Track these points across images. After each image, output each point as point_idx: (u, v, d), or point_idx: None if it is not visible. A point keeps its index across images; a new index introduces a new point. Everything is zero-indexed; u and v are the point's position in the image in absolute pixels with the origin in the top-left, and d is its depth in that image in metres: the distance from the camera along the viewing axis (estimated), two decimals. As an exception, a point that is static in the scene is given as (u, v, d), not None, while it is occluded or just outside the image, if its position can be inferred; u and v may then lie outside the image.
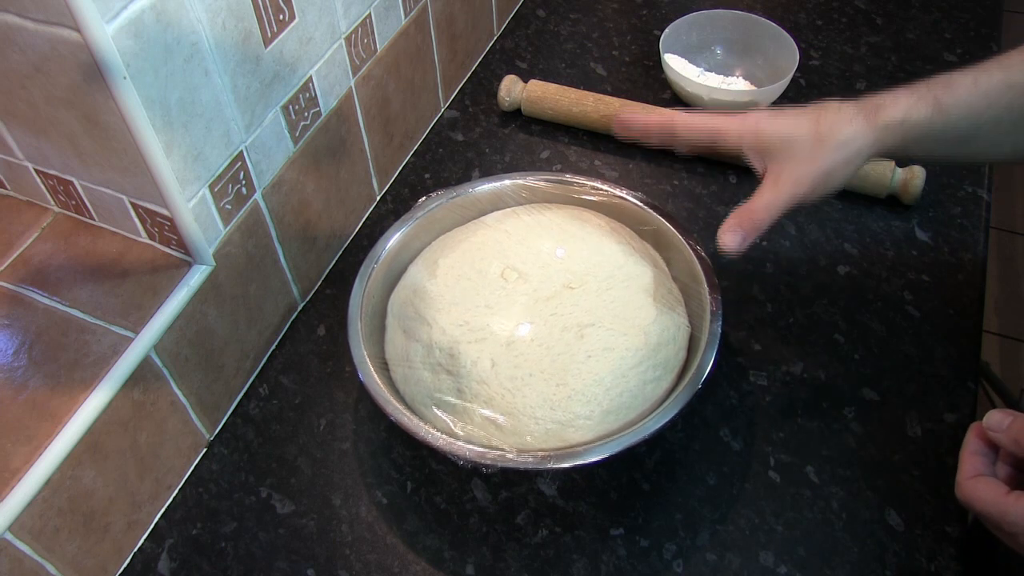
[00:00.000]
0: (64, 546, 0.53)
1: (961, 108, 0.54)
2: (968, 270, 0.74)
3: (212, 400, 0.65)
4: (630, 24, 1.02)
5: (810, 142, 0.55)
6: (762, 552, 0.58)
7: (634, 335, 0.59)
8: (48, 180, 0.60)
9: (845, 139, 0.55)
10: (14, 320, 0.57)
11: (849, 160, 0.55)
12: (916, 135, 0.55)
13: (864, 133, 0.55)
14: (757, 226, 0.56)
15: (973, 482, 0.49)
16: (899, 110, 0.55)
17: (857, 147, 0.55)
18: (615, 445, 0.54)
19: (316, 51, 0.66)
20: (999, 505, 0.46)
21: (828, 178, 0.55)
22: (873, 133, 0.55)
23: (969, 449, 0.51)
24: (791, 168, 0.55)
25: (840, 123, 0.55)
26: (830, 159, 0.55)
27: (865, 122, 0.55)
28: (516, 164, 0.87)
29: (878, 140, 0.55)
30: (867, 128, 0.55)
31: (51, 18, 0.46)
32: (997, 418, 0.50)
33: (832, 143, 0.55)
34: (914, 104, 0.55)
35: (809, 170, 0.55)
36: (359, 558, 0.60)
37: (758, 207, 0.56)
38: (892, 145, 0.55)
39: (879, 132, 0.55)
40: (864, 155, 0.55)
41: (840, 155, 0.55)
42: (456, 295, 0.62)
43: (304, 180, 0.69)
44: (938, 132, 0.55)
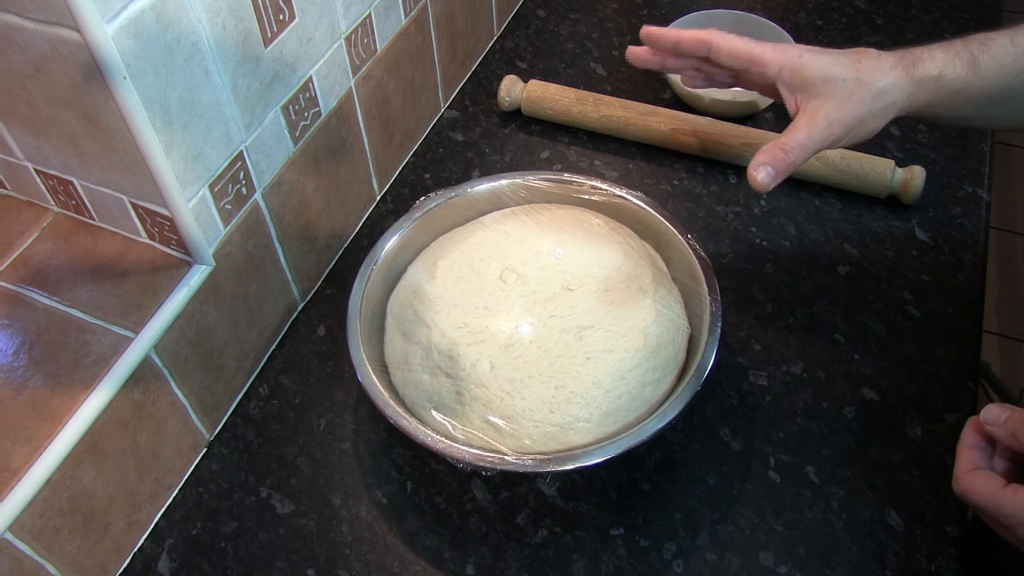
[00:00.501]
0: (64, 546, 0.53)
1: (996, 67, 0.54)
2: (968, 270, 0.74)
3: (212, 400, 0.65)
4: (630, 24, 1.02)
5: (850, 84, 0.55)
6: (762, 552, 0.58)
7: (633, 337, 0.59)
8: (48, 180, 0.60)
9: (883, 88, 0.55)
10: (14, 320, 0.57)
11: (884, 111, 0.55)
12: (950, 91, 0.55)
13: (901, 85, 0.55)
14: (789, 164, 0.55)
15: (970, 475, 0.49)
16: (936, 65, 0.55)
17: (893, 98, 0.55)
18: (614, 448, 0.54)
19: (316, 51, 0.66)
20: (996, 498, 0.46)
21: (862, 124, 0.55)
22: (909, 86, 0.55)
23: (966, 443, 0.51)
24: (828, 108, 0.55)
25: (880, 71, 0.55)
26: (867, 106, 0.55)
27: (903, 73, 0.55)
28: (516, 164, 0.86)
29: (913, 94, 0.55)
30: (904, 80, 0.55)
31: (51, 18, 0.46)
32: (994, 412, 0.50)
33: (871, 89, 0.54)
34: (951, 60, 0.55)
35: (845, 113, 0.55)
36: (359, 558, 0.60)
37: (791, 144, 0.55)
38: (925, 100, 0.55)
39: (915, 86, 0.55)
40: (898, 107, 0.55)
41: (876, 104, 0.55)
42: (455, 297, 0.62)
43: (304, 180, 0.69)
44: (973, 90, 0.55)
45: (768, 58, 0.57)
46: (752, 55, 0.57)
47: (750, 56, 0.57)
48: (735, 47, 0.58)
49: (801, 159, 0.55)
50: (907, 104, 0.56)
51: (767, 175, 0.55)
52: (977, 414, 0.51)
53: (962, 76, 0.54)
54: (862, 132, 0.56)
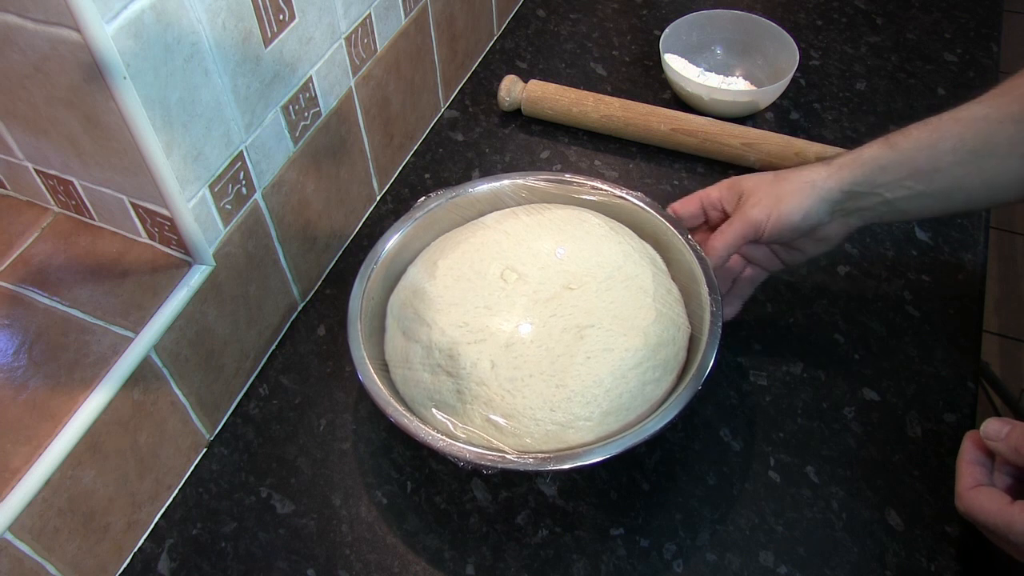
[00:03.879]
0: (64, 546, 0.53)
1: (911, 141, 0.58)
2: (968, 270, 0.74)
3: (212, 400, 0.65)
4: (630, 24, 1.02)
5: (770, 177, 0.62)
6: (762, 552, 0.58)
7: (634, 336, 0.59)
8: (48, 180, 0.60)
9: (800, 173, 0.61)
10: (14, 320, 0.57)
11: (803, 188, 0.59)
12: (873, 168, 0.58)
13: (819, 168, 0.60)
14: (718, 255, 0.62)
15: (974, 492, 0.48)
16: (852, 153, 0.60)
17: (812, 178, 0.59)
18: (615, 447, 0.54)
19: (316, 51, 0.66)
20: (1004, 515, 0.46)
21: (781, 202, 0.60)
22: (827, 169, 0.59)
23: (966, 459, 0.50)
24: (750, 200, 0.61)
25: (801, 168, 0.61)
26: (784, 186, 0.60)
27: (822, 164, 0.60)
28: (516, 164, 0.87)
29: (834, 175, 0.59)
30: (822, 166, 0.60)
31: (51, 18, 0.46)
32: (995, 427, 0.49)
33: (790, 176, 0.61)
34: (866, 146, 0.60)
35: (764, 196, 0.61)
36: (359, 558, 0.60)
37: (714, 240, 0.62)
38: (854, 179, 0.59)
39: (834, 168, 0.59)
40: (820, 187, 0.59)
41: (794, 184, 0.60)
42: (455, 296, 0.62)
43: (304, 180, 0.69)
44: (895, 164, 0.58)
45: (711, 189, 0.65)
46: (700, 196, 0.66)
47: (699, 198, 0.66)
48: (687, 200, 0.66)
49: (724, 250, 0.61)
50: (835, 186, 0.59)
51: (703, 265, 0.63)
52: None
53: (880, 153, 0.58)
54: (786, 210, 0.59)
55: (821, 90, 0.91)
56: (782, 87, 0.86)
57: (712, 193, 0.65)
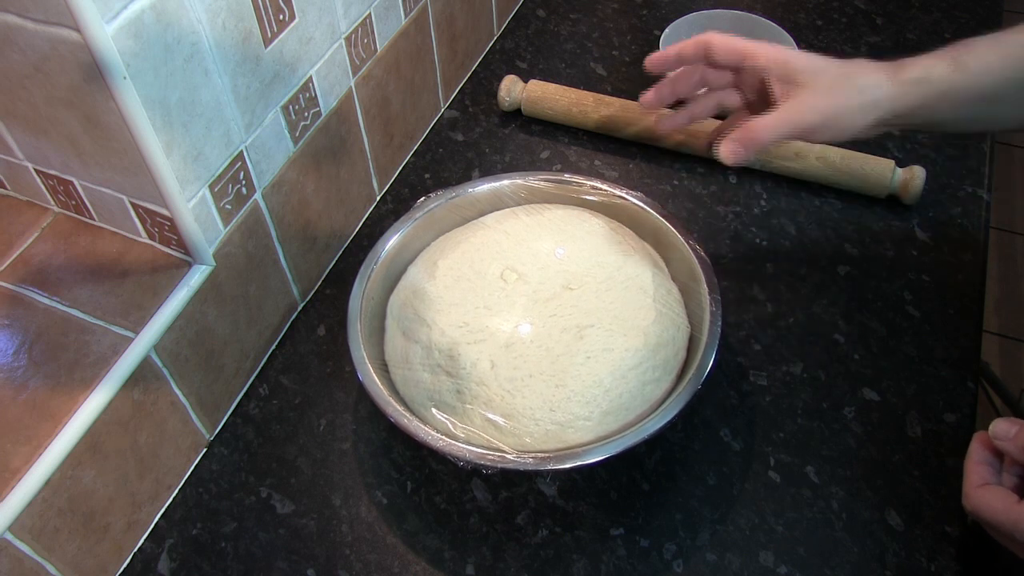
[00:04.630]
0: (64, 546, 0.53)
1: (980, 64, 0.55)
2: (968, 270, 0.74)
3: (212, 400, 0.65)
4: (630, 24, 1.02)
5: (832, 77, 0.56)
6: (762, 552, 0.58)
7: (633, 336, 0.59)
8: (48, 180, 0.60)
9: (864, 84, 0.56)
10: (14, 320, 0.57)
11: (865, 106, 0.56)
12: (938, 92, 0.55)
13: (883, 84, 0.56)
14: (757, 143, 0.56)
15: (982, 491, 0.48)
16: (920, 68, 0.56)
17: (875, 96, 0.56)
18: (614, 446, 0.54)
19: (316, 51, 0.66)
20: (1011, 514, 0.46)
21: (838, 117, 0.56)
22: (893, 87, 0.56)
23: (974, 458, 0.50)
24: (807, 95, 0.56)
25: (863, 69, 0.57)
26: (848, 99, 0.56)
27: (886, 75, 0.56)
28: (516, 164, 0.87)
29: (897, 95, 0.56)
30: (887, 80, 0.56)
31: (51, 18, 0.46)
32: (1003, 427, 0.49)
33: (852, 83, 0.56)
34: (934, 63, 0.56)
35: (824, 101, 0.56)
36: (359, 558, 0.60)
37: (763, 124, 0.56)
38: (912, 103, 0.56)
39: (899, 87, 0.56)
40: (882, 107, 0.56)
41: (857, 99, 0.56)
42: (455, 296, 0.62)
43: (304, 180, 0.69)
44: (960, 89, 0.55)
45: (759, 52, 0.59)
46: (745, 49, 0.60)
47: (743, 50, 0.60)
48: (730, 42, 0.61)
49: (769, 139, 0.56)
50: (893, 106, 0.56)
51: (733, 153, 0.57)
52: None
53: (947, 76, 0.55)
54: (840, 126, 0.56)
55: (821, 90, 0.91)
56: (782, 87, 0.86)
57: (758, 58, 0.59)
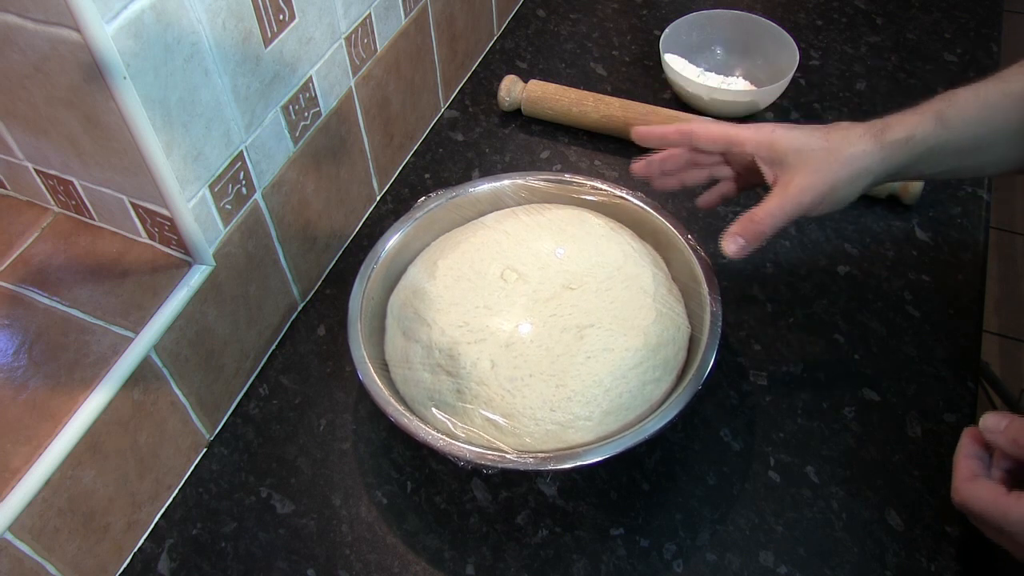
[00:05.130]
0: (64, 546, 0.53)
1: (963, 119, 0.55)
2: (968, 270, 0.74)
3: (212, 400, 0.65)
4: (630, 24, 1.02)
5: (820, 154, 0.56)
6: (762, 552, 0.58)
7: (634, 336, 0.59)
8: (48, 180, 0.60)
9: (852, 154, 0.56)
10: (14, 320, 0.57)
11: (855, 176, 0.56)
12: (922, 150, 0.56)
13: (872, 151, 0.56)
14: (759, 233, 0.56)
15: (970, 484, 0.49)
16: (904, 128, 0.56)
17: (865, 164, 0.56)
18: (615, 446, 0.54)
19: (316, 51, 0.66)
20: (999, 505, 0.46)
21: (834, 192, 0.56)
22: (880, 151, 0.56)
23: (963, 452, 0.51)
24: (800, 178, 0.56)
25: (848, 140, 0.56)
26: (838, 172, 0.56)
27: (873, 140, 0.56)
28: (516, 164, 0.87)
29: (886, 158, 0.56)
30: (875, 146, 0.56)
31: (51, 18, 0.46)
32: (993, 420, 0.50)
33: (840, 157, 0.56)
34: (919, 121, 0.56)
35: (817, 180, 0.56)
36: (359, 558, 0.60)
37: (761, 215, 0.56)
38: (900, 163, 0.57)
39: (886, 150, 0.56)
40: (872, 173, 0.57)
41: (847, 170, 0.56)
42: (455, 296, 0.62)
43: (304, 180, 0.69)
44: (943, 145, 0.56)
45: (744, 137, 0.59)
46: (729, 136, 0.60)
47: (727, 138, 0.60)
48: (712, 131, 0.61)
49: (771, 229, 0.56)
50: (883, 167, 0.57)
51: (737, 245, 0.57)
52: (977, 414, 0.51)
53: (932, 133, 0.56)
54: (836, 199, 0.57)
55: (821, 90, 0.91)
56: (782, 87, 0.86)
57: (745, 144, 0.59)
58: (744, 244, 0.57)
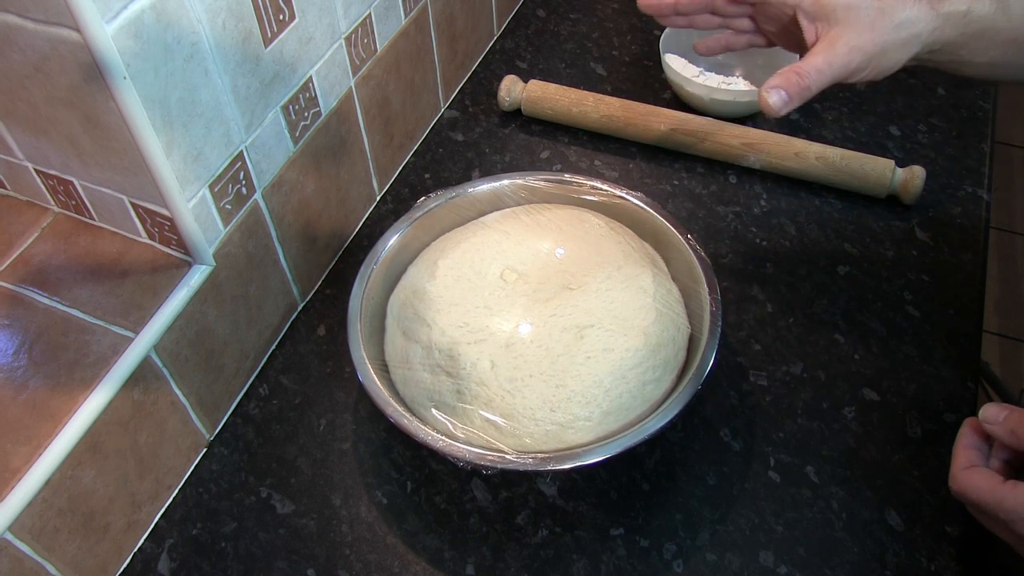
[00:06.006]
0: (64, 546, 0.53)
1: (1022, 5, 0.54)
2: (968, 270, 0.74)
3: (212, 400, 0.65)
4: (630, 24, 1.02)
5: (872, 12, 0.54)
6: (762, 552, 0.58)
7: (634, 336, 0.59)
8: (48, 180, 0.60)
9: (905, 18, 0.54)
10: (14, 320, 0.57)
11: (907, 42, 0.54)
12: (977, 30, 0.54)
13: (925, 17, 0.54)
14: (803, 88, 0.54)
15: (967, 472, 0.49)
16: (963, 1, 0.54)
17: (917, 30, 0.54)
18: (615, 446, 0.54)
19: (316, 51, 0.66)
20: (995, 494, 0.46)
21: (883, 56, 0.54)
22: (934, 20, 0.54)
23: (963, 443, 0.51)
24: (849, 35, 0.54)
25: (904, 2, 0.54)
26: (889, 35, 0.54)
27: (928, 6, 0.54)
28: (516, 164, 0.87)
29: (938, 28, 0.54)
30: (928, 12, 0.54)
31: (51, 18, 0.46)
32: (993, 411, 0.50)
33: (893, 19, 0.54)
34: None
35: (867, 40, 0.54)
36: (359, 558, 0.60)
37: (807, 68, 0.54)
38: (951, 36, 0.55)
39: (940, 19, 0.54)
40: (922, 40, 0.54)
41: (899, 34, 0.54)
42: (455, 296, 0.62)
43: (304, 180, 0.69)
44: (1000, 31, 0.54)
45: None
46: None
47: None
48: None
49: (816, 85, 0.54)
50: (932, 39, 0.54)
51: (780, 99, 0.54)
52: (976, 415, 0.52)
53: (990, 14, 0.54)
54: (884, 64, 0.55)
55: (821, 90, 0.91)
56: (782, 87, 0.85)
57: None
58: (787, 98, 0.54)
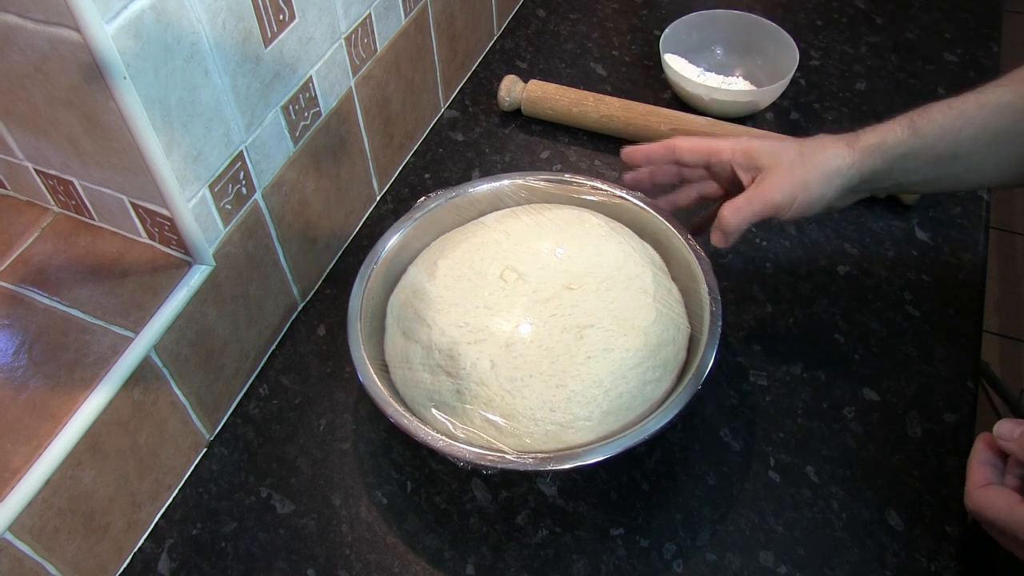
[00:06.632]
0: (64, 546, 0.53)
1: (936, 127, 0.57)
2: (968, 270, 0.74)
3: (212, 400, 0.65)
4: (630, 24, 1.02)
5: (793, 155, 0.59)
6: (762, 552, 0.58)
7: (634, 336, 0.59)
8: (48, 180, 0.60)
9: (826, 156, 0.58)
10: (14, 320, 0.57)
11: (828, 176, 0.58)
12: (895, 156, 0.58)
13: (844, 153, 0.58)
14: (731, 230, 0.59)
15: (984, 491, 0.48)
16: (876, 134, 0.59)
17: (836, 165, 0.58)
18: (615, 446, 0.54)
19: (316, 51, 0.66)
20: (1014, 515, 0.46)
21: (806, 189, 0.58)
22: (852, 154, 0.58)
23: (977, 459, 0.50)
24: (772, 177, 0.59)
25: (823, 144, 0.59)
26: (809, 173, 0.58)
27: (845, 145, 0.59)
28: (516, 164, 0.87)
29: (857, 161, 0.58)
30: (847, 149, 0.59)
31: (51, 18, 0.46)
32: (1008, 427, 0.49)
33: (814, 158, 0.59)
34: (890, 128, 0.59)
35: (788, 178, 0.58)
36: (359, 558, 0.60)
37: (731, 209, 0.59)
38: (873, 167, 0.58)
39: (859, 154, 0.58)
40: (843, 174, 0.58)
41: (819, 170, 0.58)
42: (455, 296, 0.62)
43: (304, 180, 0.69)
44: (917, 153, 0.58)
45: (722, 148, 0.62)
46: (709, 146, 0.63)
47: (707, 148, 0.63)
48: (695, 145, 0.64)
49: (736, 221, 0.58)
50: (855, 172, 0.58)
51: (718, 237, 0.60)
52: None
53: (903, 140, 0.58)
54: (807, 199, 0.58)
55: (821, 90, 0.91)
56: (782, 87, 0.86)
57: (722, 153, 0.62)
58: (721, 236, 0.59)
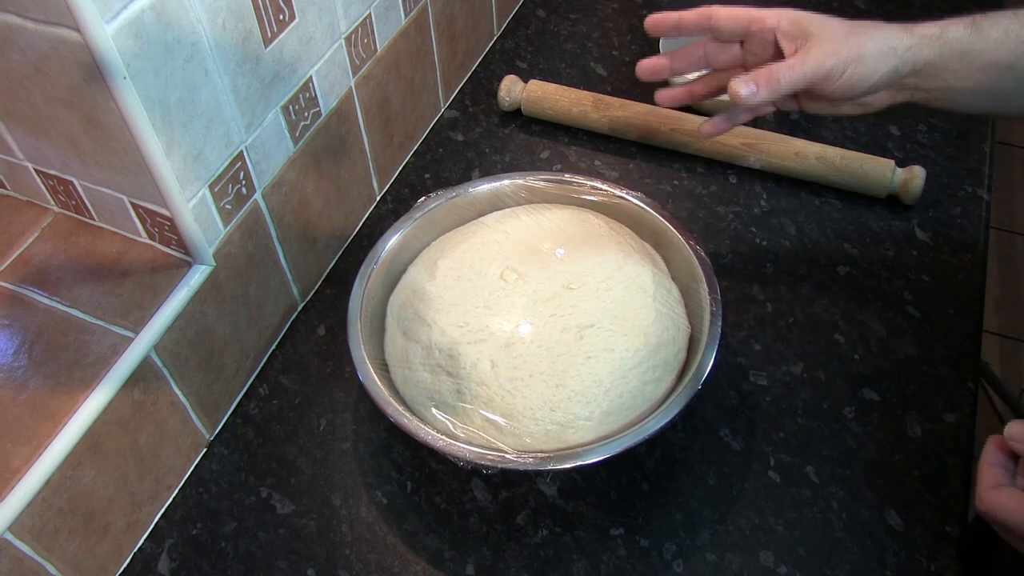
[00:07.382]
0: (64, 546, 0.53)
1: (999, 30, 0.55)
2: (968, 270, 0.74)
3: (212, 400, 0.65)
4: (630, 24, 1.02)
5: (847, 26, 0.56)
6: (762, 552, 0.58)
7: (634, 336, 0.59)
8: (48, 180, 0.60)
9: (882, 34, 0.56)
10: (14, 320, 0.57)
11: (884, 52, 0.55)
12: (953, 52, 0.55)
13: (901, 35, 0.56)
14: (773, 80, 0.55)
15: (996, 493, 0.48)
16: (936, 26, 0.56)
17: (892, 44, 0.55)
18: (615, 446, 0.54)
19: (316, 51, 0.66)
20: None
21: (860, 63, 0.55)
22: (909, 38, 0.56)
23: (988, 460, 0.50)
24: (824, 44, 0.55)
25: (876, 24, 0.56)
26: (865, 43, 0.55)
27: (901, 29, 0.56)
28: (516, 164, 0.87)
29: (915, 46, 0.55)
30: (903, 32, 0.56)
31: (51, 18, 0.46)
32: (1019, 429, 0.49)
33: (869, 31, 0.56)
34: (951, 23, 0.56)
35: (842, 47, 0.55)
36: (359, 558, 0.60)
37: (780, 65, 0.55)
38: (930, 57, 0.56)
39: (915, 38, 0.56)
40: (899, 56, 0.55)
41: (875, 45, 0.55)
42: (455, 296, 0.62)
43: (304, 180, 0.69)
44: (975, 53, 0.55)
45: (765, 13, 0.58)
46: (751, 14, 0.59)
47: (748, 15, 0.59)
48: (733, 10, 0.60)
49: (787, 79, 0.55)
50: (910, 55, 0.55)
51: (749, 90, 0.55)
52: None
53: (965, 36, 0.55)
54: (859, 72, 0.55)
55: (821, 90, 0.91)
56: (782, 87, 0.85)
57: (767, 19, 0.58)
58: (755, 89, 0.55)
